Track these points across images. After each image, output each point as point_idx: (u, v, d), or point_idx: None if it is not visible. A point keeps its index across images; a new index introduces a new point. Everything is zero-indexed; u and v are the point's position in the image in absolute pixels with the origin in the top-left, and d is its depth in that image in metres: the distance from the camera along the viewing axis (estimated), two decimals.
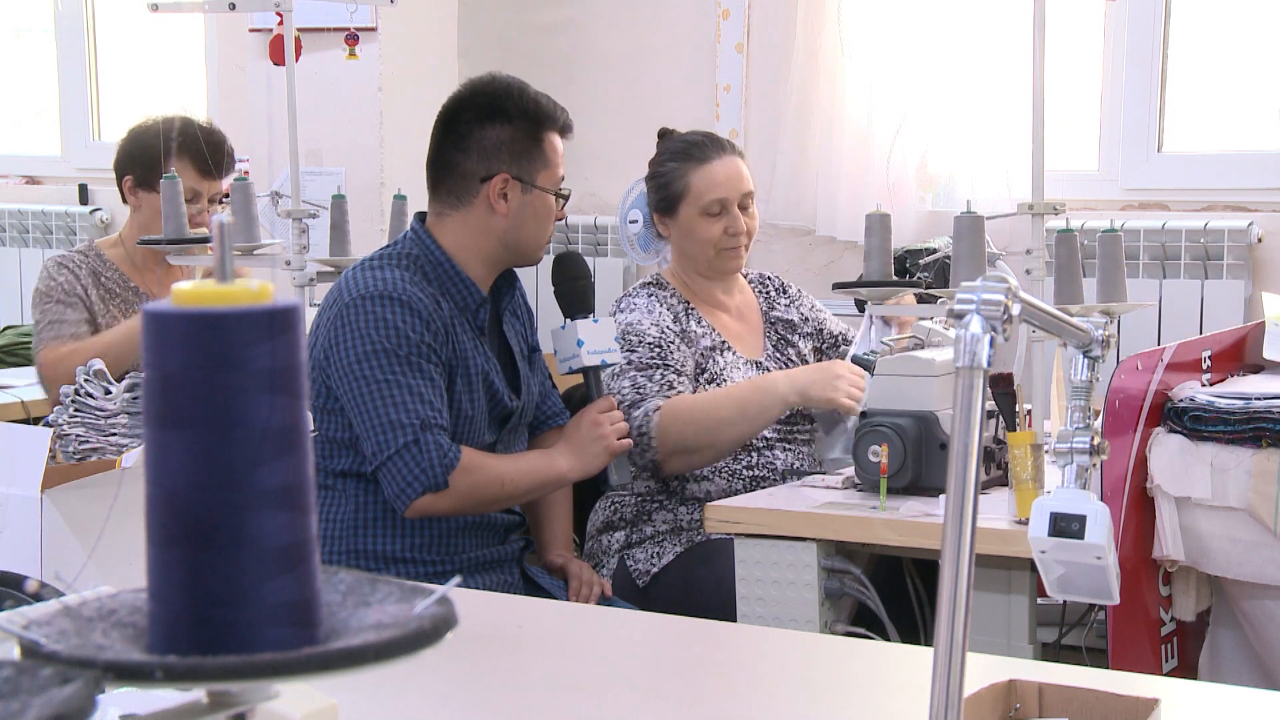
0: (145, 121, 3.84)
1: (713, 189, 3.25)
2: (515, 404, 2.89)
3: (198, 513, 0.87)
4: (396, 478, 2.67)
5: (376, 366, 2.69)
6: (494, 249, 2.84)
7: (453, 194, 2.84)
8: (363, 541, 2.76)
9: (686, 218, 3.28)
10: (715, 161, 3.27)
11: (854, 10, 4.27)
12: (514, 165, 2.80)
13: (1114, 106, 4.22)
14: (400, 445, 2.65)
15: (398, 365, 2.69)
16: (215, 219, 0.92)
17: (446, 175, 2.85)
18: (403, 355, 2.69)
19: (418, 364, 2.69)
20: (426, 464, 2.65)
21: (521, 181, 2.81)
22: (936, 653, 1.09)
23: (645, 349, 3.16)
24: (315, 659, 0.86)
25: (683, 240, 3.31)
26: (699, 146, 3.30)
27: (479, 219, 2.82)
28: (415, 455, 2.65)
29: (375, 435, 2.67)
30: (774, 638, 2.11)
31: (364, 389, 2.69)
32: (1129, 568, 2.36)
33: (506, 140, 2.80)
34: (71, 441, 2.57)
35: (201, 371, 0.87)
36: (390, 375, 2.68)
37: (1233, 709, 1.69)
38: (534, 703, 1.67)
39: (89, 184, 5.70)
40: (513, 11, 4.88)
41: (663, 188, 3.30)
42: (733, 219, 3.26)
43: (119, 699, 1.04)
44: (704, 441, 3.12)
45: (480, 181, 2.80)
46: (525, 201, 2.82)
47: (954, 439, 1.11)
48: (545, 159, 2.83)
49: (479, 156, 2.81)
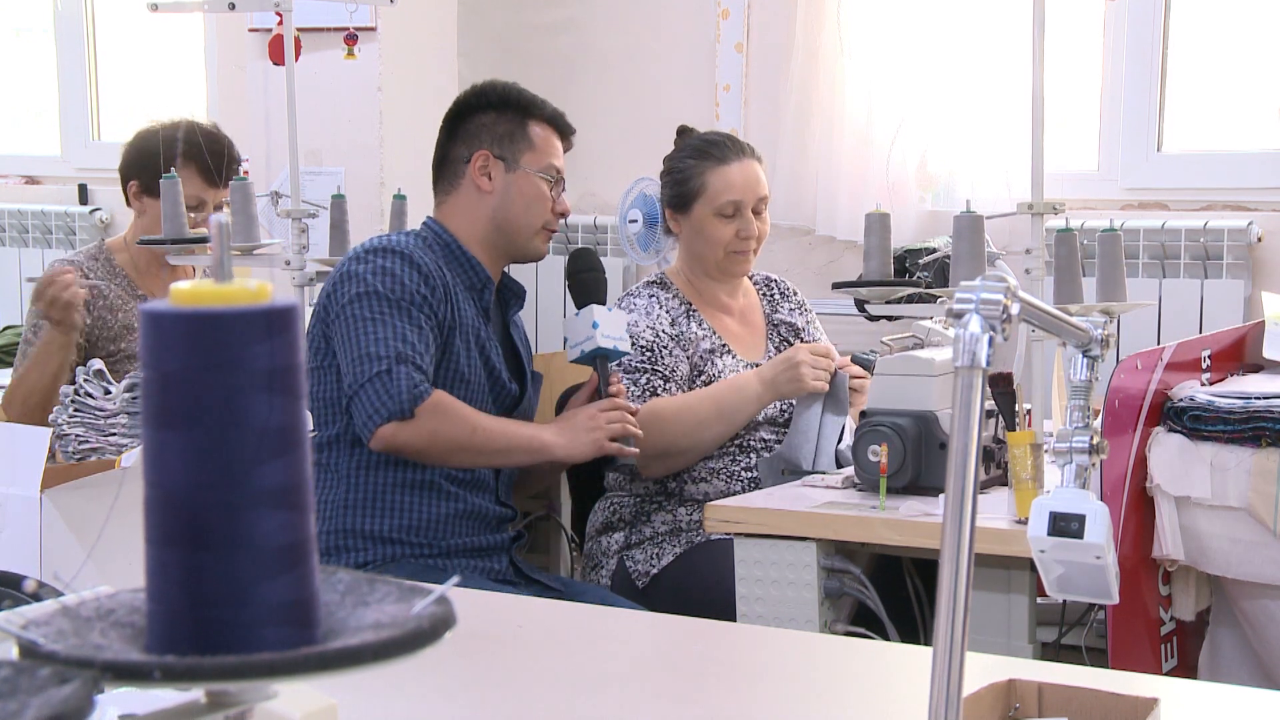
0: (152, 126, 3.82)
1: (728, 191, 3.26)
2: (516, 390, 2.94)
3: (196, 512, 0.87)
4: (364, 405, 2.73)
5: (366, 306, 2.78)
6: (487, 230, 2.95)
7: (446, 181, 3.01)
8: (353, 521, 2.81)
9: (699, 217, 3.28)
10: (734, 164, 3.28)
11: (854, 10, 4.27)
12: (495, 145, 2.95)
13: (1114, 106, 4.22)
14: (373, 373, 2.72)
15: (386, 307, 2.77)
16: (214, 219, 0.92)
17: (441, 167, 3.03)
18: (393, 299, 2.78)
19: (407, 309, 2.78)
20: (395, 391, 2.71)
21: (504, 160, 2.93)
22: (936, 652, 1.08)
23: (636, 351, 3.17)
24: (314, 659, 0.86)
25: (693, 239, 3.31)
26: (718, 146, 3.30)
27: (469, 200, 2.96)
28: (385, 383, 2.71)
29: (353, 367, 2.75)
30: (774, 637, 2.11)
31: (351, 326, 2.78)
32: (1128, 567, 2.36)
33: (488, 124, 2.96)
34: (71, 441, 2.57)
35: (200, 371, 0.87)
36: (377, 314, 2.77)
37: (1233, 709, 1.68)
38: (534, 702, 1.67)
39: (89, 184, 5.70)
40: (513, 11, 4.88)
41: (678, 184, 3.31)
42: (745, 222, 3.27)
43: (117, 699, 1.04)
44: (684, 444, 3.14)
45: (464, 164, 2.96)
46: (510, 180, 2.94)
47: (953, 439, 1.11)
48: (530, 142, 2.96)
49: (464, 141, 2.97)
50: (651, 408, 3.11)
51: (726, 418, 3.15)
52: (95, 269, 3.78)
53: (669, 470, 3.18)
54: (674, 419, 3.12)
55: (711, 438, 3.16)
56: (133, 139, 3.83)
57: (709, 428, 3.14)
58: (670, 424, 3.11)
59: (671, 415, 3.12)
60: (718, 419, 3.14)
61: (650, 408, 3.11)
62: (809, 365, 3.13)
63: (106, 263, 3.81)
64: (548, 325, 4.65)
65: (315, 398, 2.84)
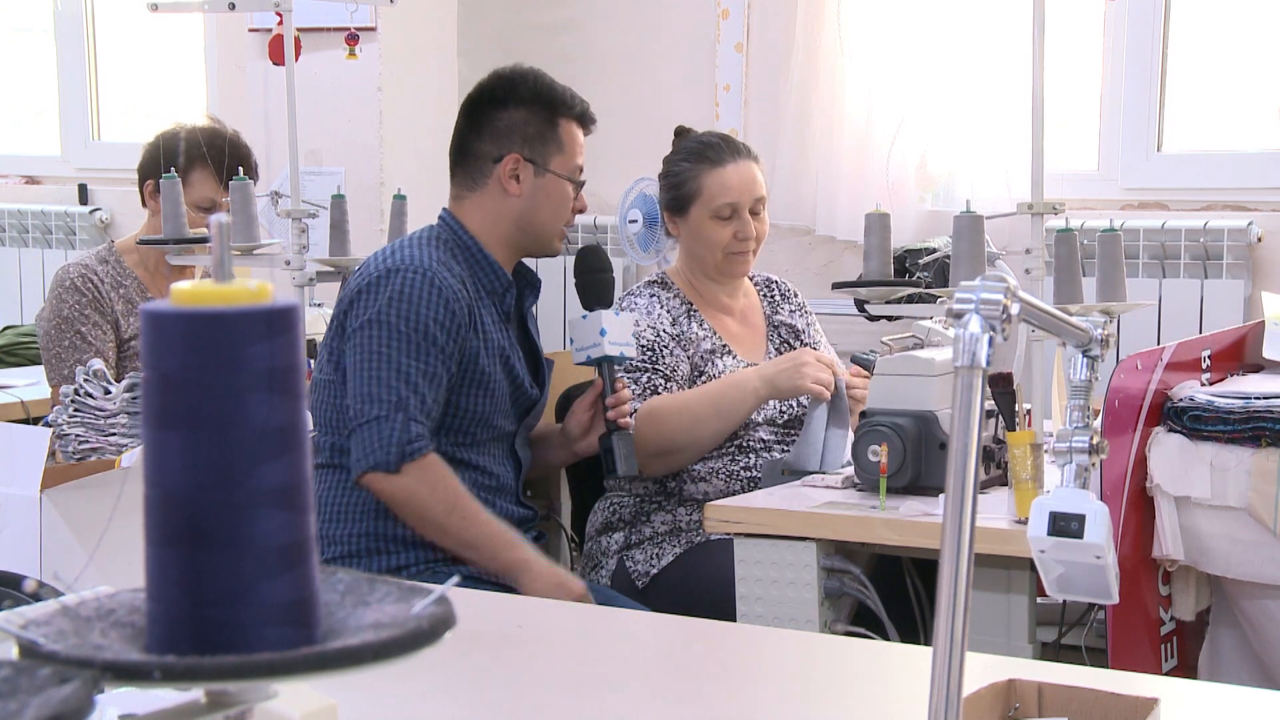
0: (173, 128, 3.83)
1: (725, 193, 3.25)
2: (536, 394, 2.92)
3: (196, 512, 0.87)
4: (357, 446, 2.68)
5: (376, 337, 2.71)
6: (510, 231, 2.89)
7: (469, 176, 2.91)
8: (372, 524, 2.77)
9: (697, 219, 3.27)
10: (729, 165, 3.26)
11: (854, 10, 4.27)
12: (525, 147, 2.87)
13: (1114, 106, 4.22)
14: (371, 417, 2.66)
15: (397, 342, 2.70)
16: (214, 219, 0.92)
17: (463, 159, 2.93)
18: (404, 333, 2.70)
19: (419, 345, 2.70)
20: (385, 441, 2.65)
21: (534, 164, 2.86)
22: (936, 652, 1.08)
23: (637, 351, 3.16)
24: (313, 659, 0.86)
25: (691, 241, 3.31)
26: (713, 148, 3.29)
27: (494, 201, 2.88)
28: (378, 431, 2.65)
29: (355, 403, 2.70)
30: (774, 637, 2.11)
31: (359, 356, 2.71)
32: (1128, 567, 2.36)
33: (519, 123, 2.87)
34: (71, 441, 2.57)
35: (200, 371, 0.87)
36: (386, 348, 2.70)
37: (1233, 709, 1.69)
38: (534, 703, 1.67)
39: (89, 184, 5.70)
40: (513, 11, 4.88)
41: (675, 187, 3.30)
42: (743, 224, 3.25)
43: (117, 699, 1.04)
44: (682, 441, 3.13)
45: (493, 163, 2.87)
46: (538, 185, 2.87)
47: (953, 439, 1.11)
48: (559, 144, 2.89)
49: (491, 138, 2.88)
50: (650, 406, 3.11)
51: (724, 415, 3.15)
52: (105, 271, 3.78)
53: (669, 468, 3.18)
54: (672, 416, 3.12)
55: (710, 434, 3.16)
56: (154, 139, 3.83)
57: (707, 425, 3.14)
58: (668, 422, 3.11)
59: (670, 413, 3.12)
60: (715, 416, 3.14)
61: (648, 406, 3.11)
62: (812, 367, 3.12)
63: (116, 264, 3.81)
64: (549, 322, 4.65)
65: (334, 411, 2.78)
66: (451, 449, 2.78)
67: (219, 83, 5.18)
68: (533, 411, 2.94)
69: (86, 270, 3.76)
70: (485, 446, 2.85)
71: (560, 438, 3.06)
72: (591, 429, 3.00)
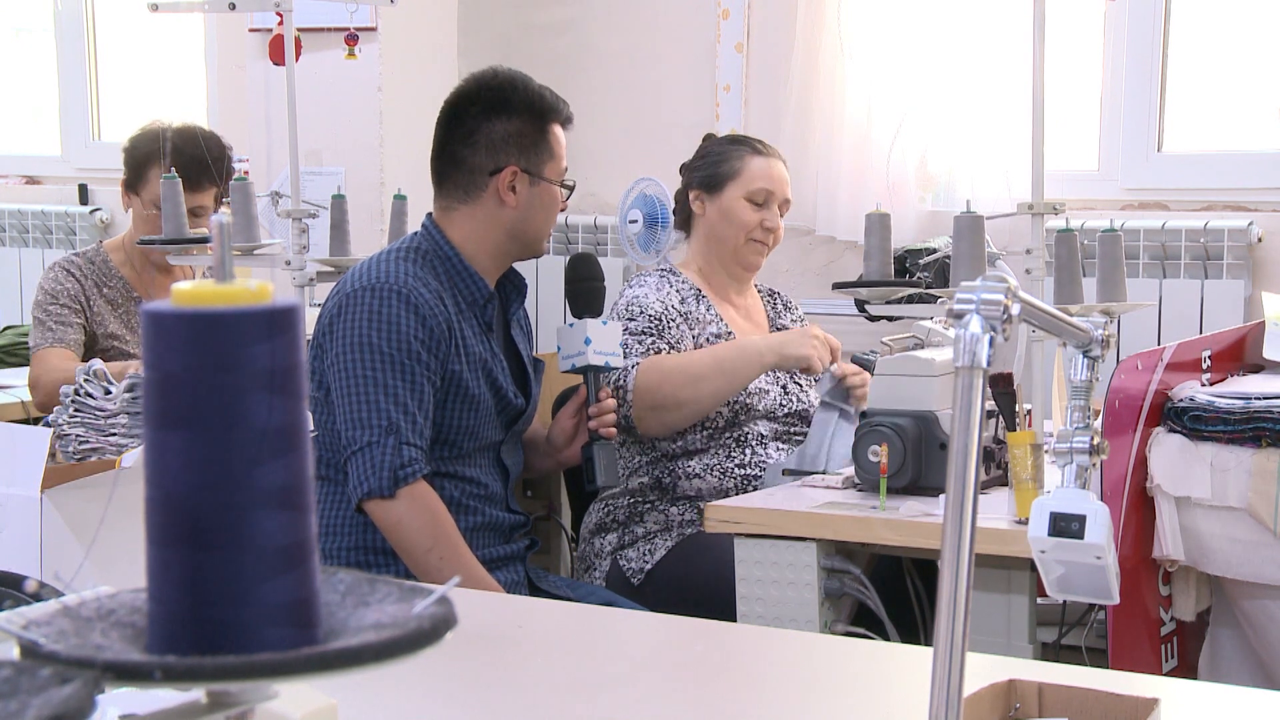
0: (146, 126, 3.86)
1: (763, 179, 3.36)
2: (522, 403, 2.89)
3: (197, 513, 0.87)
4: (353, 473, 2.66)
5: (360, 361, 2.68)
6: (501, 240, 2.86)
7: (460, 188, 2.85)
8: (370, 537, 2.75)
9: (730, 198, 3.35)
10: (771, 158, 3.40)
11: (854, 10, 4.27)
12: (522, 158, 2.83)
13: (1114, 106, 4.22)
14: (364, 443, 2.64)
15: (381, 363, 2.67)
16: (214, 219, 0.92)
17: (454, 169, 2.86)
18: (387, 353, 2.67)
19: (404, 365, 2.68)
20: (379, 466, 2.63)
21: (530, 174, 2.84)
22: (936, 652, 1.09)
23: (643, 319, 3.20)
24: (314, 659, 0.86)
25: (717, 220, 3.36)
26: (756, 142, 3.44)
27: (487, 212, 2.84)
28: (371, 457, 2.63)
29: (346, 429, 2.67)
30: (774, 637, 2.11)
31: (345, 381, 2.68)
32: (1129, 567, 2.36)
33: (514, 134, 2.83)
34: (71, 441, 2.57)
35: (201, 371, 0.86)
36: (371, 371, 2.67)
37: (1233, 709, 1.68)
38: (534, 703, 1.67)
39: (89, 184, 5.70)
40: (513, 11, 4.88)
41: (712, 165, 3.38)
42: (771, 214, 3.36)
43: (118, 699, 1.04)
44: (682, 397, 3.14)
45: (489, 175, 2.83)
46: (533, 194, 2.85)
47: (954, 439, 1.11)
48: (550, 151, 2.87)
49: (487, 150, 2.83)
50: (653, 359, 3.15)
51: (728, 373, 3.17)
52: (90, 271, 3.80)
53: (666, 427, 3.18)
54: (675, 371, 3.16)
55: (710, 393, 3.17)
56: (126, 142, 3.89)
57: (710, 381, 3.16)
58: (671, 376, 3.14)
59: (673, 367, 3.17)
60: (719, 374, 3.17)
61: (652, 360, 3.15)
62: (823, 342, 3.25)
63: (103, 265, 3.83)
64: (545, 324, 4.65)
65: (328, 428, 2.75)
66: (438, 462, 2.76)
67: (219, 83, 5.18)
68: (520, 420, 2.92)
69: (70, 265, 3.80)
70: (472, 457, 2.83)
71: (546, 445, 3.05)
72: (575, 438, 2.99)
